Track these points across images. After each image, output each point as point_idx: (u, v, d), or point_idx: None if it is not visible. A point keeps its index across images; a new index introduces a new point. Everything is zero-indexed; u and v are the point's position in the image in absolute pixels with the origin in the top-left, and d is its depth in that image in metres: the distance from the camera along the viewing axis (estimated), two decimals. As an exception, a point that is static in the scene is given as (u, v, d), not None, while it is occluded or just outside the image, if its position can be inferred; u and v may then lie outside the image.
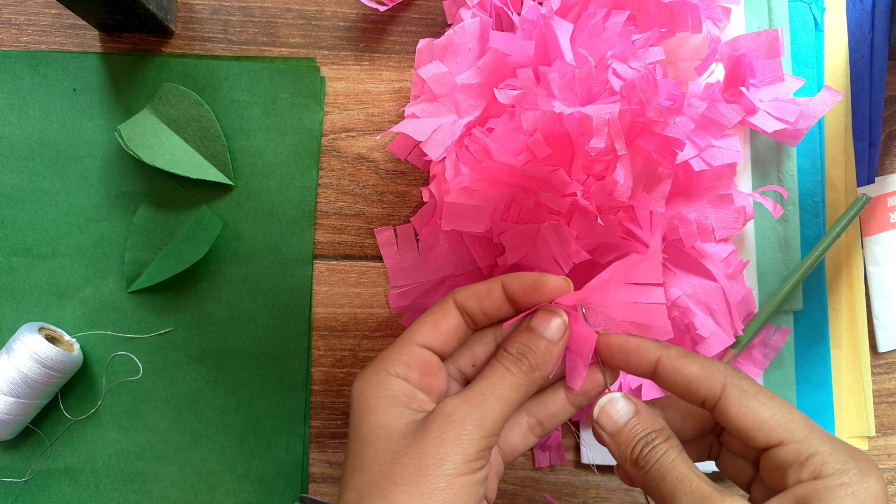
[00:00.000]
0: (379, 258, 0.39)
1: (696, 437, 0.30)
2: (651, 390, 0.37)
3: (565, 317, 0.29)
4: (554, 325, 0.28)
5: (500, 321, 0.30)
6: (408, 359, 0.28)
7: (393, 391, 0.27)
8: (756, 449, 0.26)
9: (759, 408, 0.26)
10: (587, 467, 0.40)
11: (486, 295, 0.29)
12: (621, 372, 0.36)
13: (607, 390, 0.29)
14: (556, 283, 0.28)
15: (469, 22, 0.35)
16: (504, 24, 0.37)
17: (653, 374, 0.28)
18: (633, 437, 0.27)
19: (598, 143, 0.30)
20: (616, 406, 0.28)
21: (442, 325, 0.29)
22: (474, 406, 0.26)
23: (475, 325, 0.30)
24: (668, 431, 0.27)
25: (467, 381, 0.30)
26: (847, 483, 0.24)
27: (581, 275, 0.38)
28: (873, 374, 0.40)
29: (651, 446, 0.27)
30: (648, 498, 0.27)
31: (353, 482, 0.26)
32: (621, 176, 0.31)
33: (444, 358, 0.29)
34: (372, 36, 0.40)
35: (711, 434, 0.30)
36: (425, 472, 0.24)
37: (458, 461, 0.25)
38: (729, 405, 0.26)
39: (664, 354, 0.28)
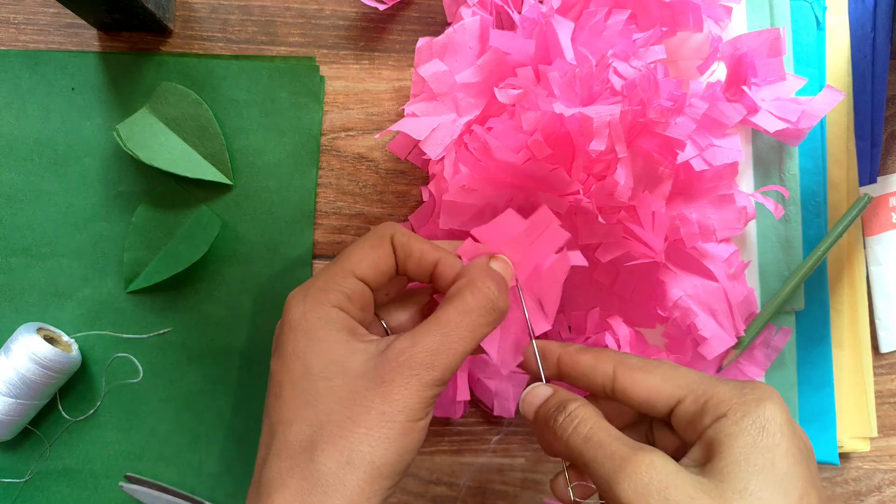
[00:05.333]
0: (379, 258, 0.39)
1: (628, 426, 0.30)
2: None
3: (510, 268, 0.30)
4: (508, 268, 0.29)
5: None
6: (350, 291, 0.27)
7: (342, 324, 0.26)
8: (665, 416, 0.27)
9: (648, 376, 0.27)
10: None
11: (417, 256, 0.28)
12: None
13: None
14: (507, 277, 0.29)
15: (469, 20, 0.35)
16: (504, 22, 0.37)
17: (557, 373, 0.30)
18: (549, 408, 0.28)
19: (598, 146, 0.30)
20: (537, 391, 0.29)
21: (381, 264, 0.28)
22: (437, 355, 0.26)
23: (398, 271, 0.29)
24: (583, 401, 0.28)
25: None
26: (747, 413, 0.24)
27: (580, 276, 0.38)
28: (875, 374, 0.40)
29: (566, 413, 0.27)
30: (566, 467, 0.28)
31: (300, 416, 0.25)
32: (622, 176, 0.31)
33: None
34: (371, 35, 0.40)
35: (646, 419, 0.30)
36: (390, 418, 0.25)
37: (418, 407, 0.25)
38: (622, 383, 0.27)
39: (563, 351, 0.29)
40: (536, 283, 0.31)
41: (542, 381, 0.30)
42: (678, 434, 0.27)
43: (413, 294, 0.32)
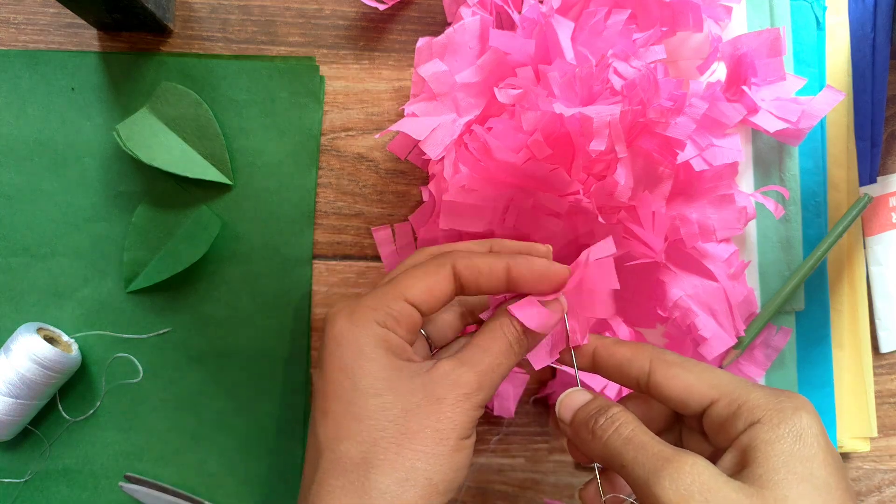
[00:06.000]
0: (378, 258, 0.39)
1: (661, 432, 0.30)
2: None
3: (566, 305, 0.29)
4: (557, 314, 0.29)
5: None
6: (398, 314, 0.27)
7: (388, 342, 0.27)
8: (697, 417, 0.27)
9: (684, 374, 0.27)
10: (588, 468, 0.40)
11: (487, 272, 0.28)
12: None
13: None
14: (564, 274, 0.28)
15: (469, 20, 0.35)
16: (504, 22, 0.37)
17: (591, 364, 0.30)
18: (590, 411, 0.28)
19: (598, 146, 0.30)
20: (575, 395, 0.29)
21: (436, 291, 0.28)
22: (484, 377, 0.26)
23: (461, 293, 0.29)
24: (623, 406, 0.28)
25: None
26: (783, 421, 0.24)
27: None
28: (875, 374, 0.40)
29: (607, 416, 0.27)
30: (597, 469, 0.29)
31: (350, 433, 0.25)
32: (622, 176, 0.31)
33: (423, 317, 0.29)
34: (371, 35, 0.40)
35: (677, 427, 0.31)
36: (445, 436, 0.25)
37: (469, 426, 0.26)
38: (658, 378, 0.27)
39: (599, 343, 0.30)
40: (583, 291, 0.30)
41: (577, 385, 0.30)
42: (709, 438, 0.27)
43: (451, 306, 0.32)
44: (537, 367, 0.30)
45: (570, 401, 0.29)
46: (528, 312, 0.28)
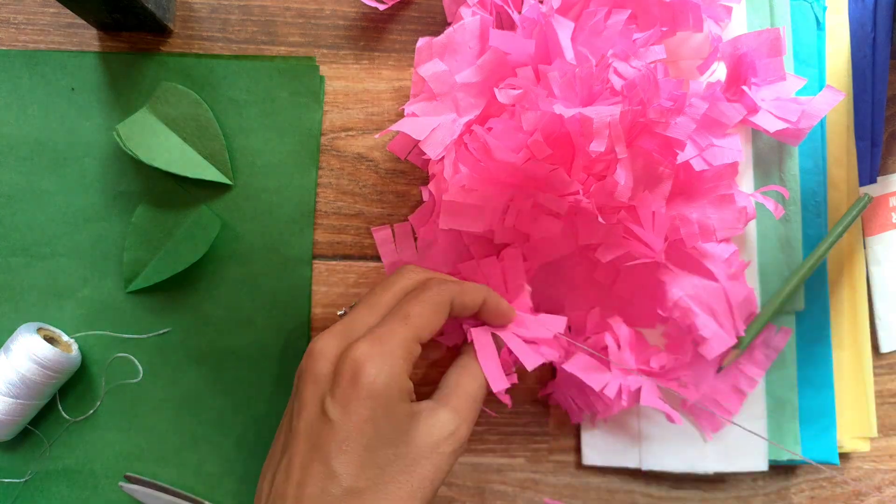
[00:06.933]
0: (378, 258, 0.39)
1: None
2: (649, 395, 0.37)
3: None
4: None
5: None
6: (414, 357, 0.30)
7: (409, 393, 0.29)
8: None
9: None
10: (588, 469, 0.40)
11: (470, 306, 0.32)
12: (622, 373, 0.36)
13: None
14: (512, 318, 0.34)
15: (469, 20, 0.35)
16: (504, 22, 0.37)
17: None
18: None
19: (598, 147, 0.30)
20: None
21: (437, 327, 0.30)
22: (469, 421, 0.31)
23: None
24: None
25: None
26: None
27: (580, 276, 0.38)
28: (875, 374, 0.40)
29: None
30: None
31: (372, 478, 0.27)
32: (622, 176, 0.31)
33: None
34: (371, 34, 0.40)
35: None
36: (431, 483, 0.29)
37: (450, 469, 0.30)
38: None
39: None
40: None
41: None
42: None
43: None
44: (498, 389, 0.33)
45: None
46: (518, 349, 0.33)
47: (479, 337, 0.33)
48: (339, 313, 0.35)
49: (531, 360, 0.33)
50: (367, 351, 0.28)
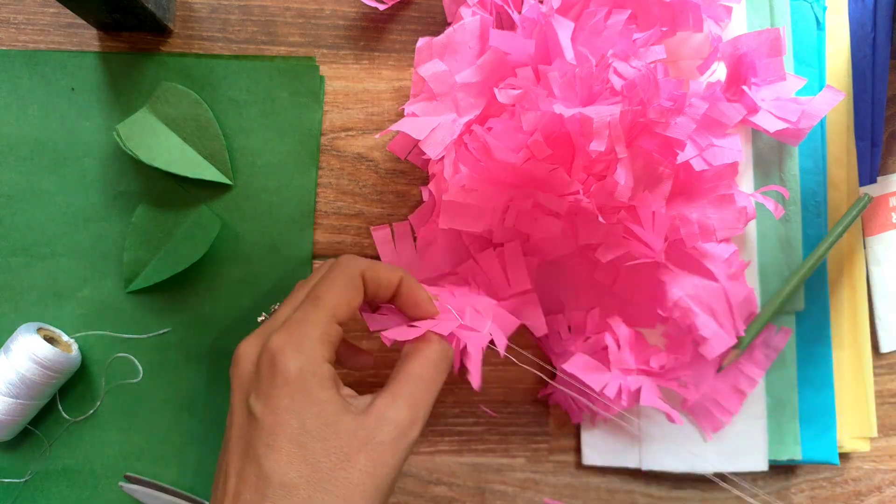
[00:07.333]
0: (378, 258, 0.39)
1: None
2: (649, 395, 0.37)
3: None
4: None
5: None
6: (334, 339, 0.28)
7: (332, 380, 0.28)
8: None
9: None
10: (588, 469, 0.40)
11: (385, 283, 0.30)
12: (622, 373, 0.36)
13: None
14: (433, 312, 0.31)
15: (469, 20, 0.35)
16: (504, 22, 0.37)
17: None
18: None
19: (598, 146, 0.30)
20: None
21: (353, 304, 0.29)
22: (418, 407, 0.28)
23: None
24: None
25: None
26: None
27: (580, 276, 0.38)
28: (875, 374, 0.40)
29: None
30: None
31: (298, 472, 0.26)
32: (622, 176, 0.31)
33: None
34: (371, 34, 0.40)
35: None
36: (382, 478, 0.27)
37: (403, 463, 0.28)
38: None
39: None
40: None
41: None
42: None
43: None
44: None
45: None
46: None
47: (399, 332, 0.30)
48: (259, 319, 0.33)
49: (445, 327, 0.30)
50: (280, 339, 0.27)
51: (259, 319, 0.33)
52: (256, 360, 0.28)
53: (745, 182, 0.39)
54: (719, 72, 0.37)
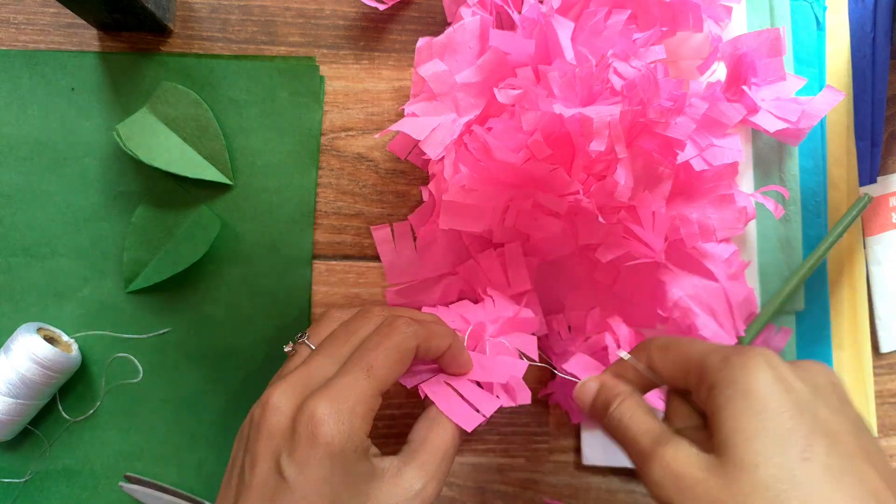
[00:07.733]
0: (378, 258, 0.39)
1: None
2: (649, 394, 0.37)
3: None
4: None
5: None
6: (375, 411, 0.28)
7: (369, 452, 0.28)
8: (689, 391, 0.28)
9: (669, 353, 0.29)
10: (588, 469, 0.40)
11: (435, 352, 0.30)
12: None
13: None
14: (469, 369, 0.32)
15: (469, 20, 0.35)
16: (504, 22, 0.37)
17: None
18: (599, 405, 0.30)
19: (598, 146, 0.30)
20: (586, 386, 0.31)
21: (400, 374, 0.29)
22: (439, 479, 0.29)
23: None
24: (626, 393, 0.29)
25: None
26: (732, 382, 0.24)
27: (580, 276, 0.38)
28: (875, 374, 0.40)
29: (613, 406, 0.29)
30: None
31: None
32: (622, 176, 0.31)
33: None
34: (371, 34, 0.40)
35: None
36: None
37: None
38: (655, 364, 0.29)
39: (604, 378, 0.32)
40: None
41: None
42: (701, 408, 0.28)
43: None
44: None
45: (582, 390, 0.31)
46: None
47: (434, 390, 0.31)
48: (286, 349, 0.32)
49: (469, 421, 0.30)
50: (326, 409, 0.26)
51: (286, 349, 0.32)
52: (292, 415, 0.27)
53: (745, 182, 0.39)
54: (719, 72, 0.37)
